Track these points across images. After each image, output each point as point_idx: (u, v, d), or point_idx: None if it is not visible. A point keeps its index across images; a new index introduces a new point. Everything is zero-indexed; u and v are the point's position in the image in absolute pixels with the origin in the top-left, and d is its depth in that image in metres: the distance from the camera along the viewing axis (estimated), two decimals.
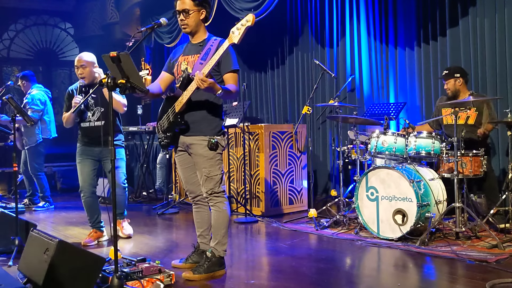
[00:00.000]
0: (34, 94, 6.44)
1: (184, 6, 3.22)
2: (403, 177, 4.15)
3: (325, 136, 7.05)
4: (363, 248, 4.04)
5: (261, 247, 4.30)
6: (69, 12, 10.77)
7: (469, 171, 4.31)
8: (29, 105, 6.36)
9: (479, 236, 4.13)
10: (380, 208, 4.30)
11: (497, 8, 5.12)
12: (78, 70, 4.33)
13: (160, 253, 4.07)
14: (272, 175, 5.63)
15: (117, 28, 9.74)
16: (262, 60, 8.04)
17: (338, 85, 6.78)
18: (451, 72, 4.77)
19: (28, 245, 3.16)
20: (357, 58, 6.61)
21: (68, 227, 5.30)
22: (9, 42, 10.46)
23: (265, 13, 6.57)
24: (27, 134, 6.41)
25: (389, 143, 4.46)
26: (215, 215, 3.34)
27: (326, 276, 3.33)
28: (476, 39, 5.32)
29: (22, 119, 5.57)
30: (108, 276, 2.97)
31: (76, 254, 2.86)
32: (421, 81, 5.89)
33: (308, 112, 5.30)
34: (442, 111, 4.91)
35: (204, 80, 2.94)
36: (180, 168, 3.48)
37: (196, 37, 3.35)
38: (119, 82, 2.79)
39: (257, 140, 5.64)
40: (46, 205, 6.56)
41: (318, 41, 7.10)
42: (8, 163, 7.57)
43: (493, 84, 5.19)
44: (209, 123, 3.28)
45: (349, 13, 6.66)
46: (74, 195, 7.86)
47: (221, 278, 3.30)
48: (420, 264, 3.55)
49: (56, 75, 11.02)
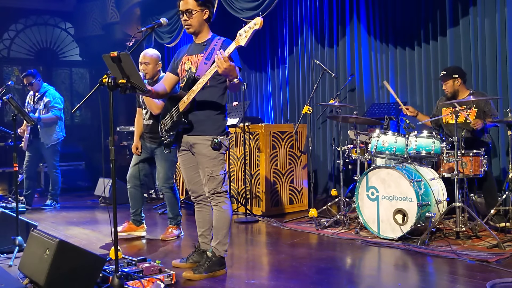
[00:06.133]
0: (54, 93, 6.65)
1: (187, 6, 3.22)
2: (403, 177, 4.15)
3: (325, 136, 7.05)
4: (363, 248, 4.04)
5: (261, 247, 4.30)
6: (69, 12, 10.77)
7: (469, 171, 4.31)
8: (52, 103, 6.52)
9: (479, 235, 4.13)
10: (381, 207, 4.30)
11: (498, 8, 5.12)
12: (141, 66, 4.39)
13: (161, 252, 4.07)
14: (272, 174, 5.63)
15: (117, 28, 9.74)
16: (262, 60, 8.04)
17: (338, 85, 6.78)
18: (449, 73, 4.76)
19: (28, 245, 3.16)
20: (357, 58, 6.61)
21: (68, 227, 5.30)
22: (10, 42, 10.46)
23: (265, 13, 6.57)
24: (46, 133, 6.52)
25: (389, 143, 4.46)
26: (217, 215, 3.34)
27: (327, 276, 3.33)
28: (476, 39, 5.32)
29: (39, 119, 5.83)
30: (108, 276, 2.97)
31: (77, 254, 2.86)
32: (421, 81, 5.89)
33: (308, 112, 5.30)
34: (442, 111, 4.91)
35: (225, 60, 2.90)
36: (183, 167, 3.49)
37: (200, 37, 3.34)
38: (119, 82, 2.79)
39: (257, 140, 5.64)
40: (53, 204, 6.64)
41: (318, 41, 7.10)
42: (8, 163, 7.58)
43: (493, 84, 5.19)
44: (213, 123, 3.28)
45: (349, 13, 6.67)
46: (74, 195, 7.88)
47: (222, 278, 3.30)
48: (421, 264, 3.55)
49: (57, 75, 11.01)
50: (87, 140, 9.71)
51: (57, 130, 6.60)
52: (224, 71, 2.93)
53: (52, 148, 6.59)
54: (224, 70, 2.92)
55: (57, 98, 6.62)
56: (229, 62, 2.91)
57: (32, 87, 6.60)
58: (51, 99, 6.54)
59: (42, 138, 6.51)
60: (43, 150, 6.57)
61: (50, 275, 2.74)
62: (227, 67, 2.91)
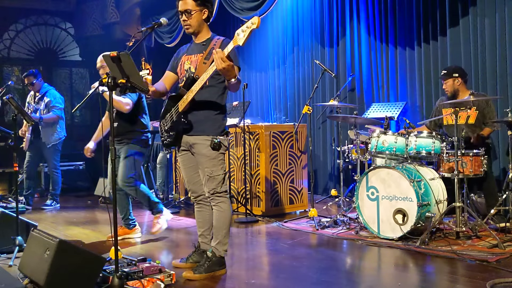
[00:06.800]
0: (54, 93, 6.69)
1: (186, 6, 3.22)
2: (403, 177, 4.15)
3: (325, 136, 7.05)
4: (363, 248, 4.04)
5: (261, 246, 4.30)
6: (69, 12, 10.76)
7: (469, 171, 4.30)
8: (53, 103, 6.56)
9: (479, 235, 4.13)
10: (381, 207, 4.30)
11: (498, 7, 5.13)
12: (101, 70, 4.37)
13: (161, 252, 4.07)
14: (272, 174, 5.63)
15: (118, 28, 9.74)
16: (262, 60, 8.05)
17: (338, 85, 6.78)
18: (450, 72, 4.77)
19: (28, 245, 3.17)
20: (357, 58, 6.62)
21: (68, 227, 5.30)
22: (10, 42, 10.46)
23: (266, 13, 6.57)
24: (47, 132, 6.55)
25: (389, 143, 4.46)
26: (217, 215, 3.34)
27: (327, 276, 3.32)
28: (476, 39, 5.32)
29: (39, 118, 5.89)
30: (108, 276, 2.97)
31: (77, 254, 2.86)
32: (421, 81, 5.89)
33: (308, 112, 5.30)
34: (442, 111, 4.91)
35: (224, 60, 2.90)
36: (182, 167, 3.49)
37: (199, 36, 3.34)
38: (119, 81, 2.79)
39: (257, 140, 5.64)
40: (53, 204, 6.65)
41: (318, 41, 7.10)
42: (8, 163, 7.57)
43: (493, 84, 5.19)
44: (212, 123, 3.28)
45: (349, 13, 6.67)
46: (74, 195, 7.88)
47: (222, 277, 3.30)
48: (421, 264, 3.55)
49: (57, 75, 11.00)
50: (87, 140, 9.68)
51: (58, 130, 6.63)
52: (223, 70, 2.93)
53: (53, 148, 6.61)
54: (222, 69, 2.93)
55: (58, 98, 6.65)
56: (228, 61, 2.91)
57: (33, 87, 6.61)
58: (52, 99, 6.58)
59: (43, 137, 6.53)
60: (44, 150, 6.59)
61: (50, 275, 2.74)
62: (226, 66, 2.91)
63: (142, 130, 4.45)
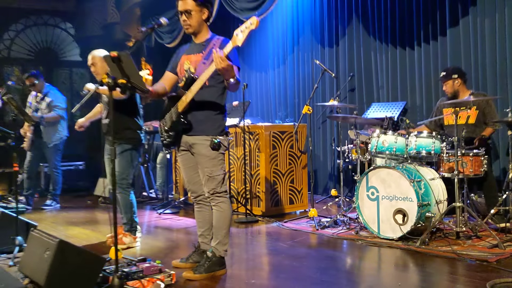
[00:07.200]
0: (56, 93, 6.72)
1: (186, 6, 3.22)
2: (403, 177, 4.15)
3: (325, 136, 7.05)
4: (363, 248, 4.04)
5: (261, 247, 4.30)
6: (69, 12, 10.76)
7: (469, 171, 4.30)
8: (54, 103, 6.58)
9: (479, 235, 4.13)
10: (381, 207, 4.30)
11: (498, 7, 5.13)
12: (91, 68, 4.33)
13: (161, 252, 4.07)
14: (272, 174, 5.63)
15: (118, 28, 9.74)
16: (262, 60, 8.05)
17: (338, 85, 6.78)
18: (449, 74, 4.77)
19: (28, 245, 3.17)
20: (357, 58, 6.62)
21: (68, 227, 5.30)
22: (10, 42, 10.46)
23: (266, 13, 6.57)
24: (49, 132, 6.56)
25: (389, 143, 4.46)
26: (217, 215, 3.34)
27: (327, 276, 3.32)
28: (476, 39, 5.32)
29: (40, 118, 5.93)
30: (108, 276, 2.97)
31: (77, 254, 2.86)
32: (421, 81, 5.89)
33: (308, 112, 5.30)
34: (443, 111, 4.91)
35: (223, 59, 2.90)
36: (182, 167, 3.49)
37: (199, 36, 3.35)
38: (119, 82, 2.79)
39: (257, 140, 5.64)
40: (53, 204, 6.65)
41: (318, 41, 7.10)
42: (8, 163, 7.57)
43: (493, 84, 5.19)
44: (212, 123, 3.28)
45: (349, 13, 6.67)
46: (74, 195, 7.87)
47: (222, 277, 3.30)
48: (421, 264, 3.55)
49: (57, 75, 11.00)
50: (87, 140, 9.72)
51: (59, 130, 6.65)
52: (222, 69, 2.93)
53: (54, 147, 6.62)
54: (221, 69, 2.93)
55: (59, 98, 6.68)
56: (227, 61, 2.91)
57: (35, 88, 6.62)
58: (53, 99, 6.59)
59: (44, 137, 6.54)
60: (45, 149, 6.59)
61: (50, 275, 2.74)
62: (225, 66, 2.91)
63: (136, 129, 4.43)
